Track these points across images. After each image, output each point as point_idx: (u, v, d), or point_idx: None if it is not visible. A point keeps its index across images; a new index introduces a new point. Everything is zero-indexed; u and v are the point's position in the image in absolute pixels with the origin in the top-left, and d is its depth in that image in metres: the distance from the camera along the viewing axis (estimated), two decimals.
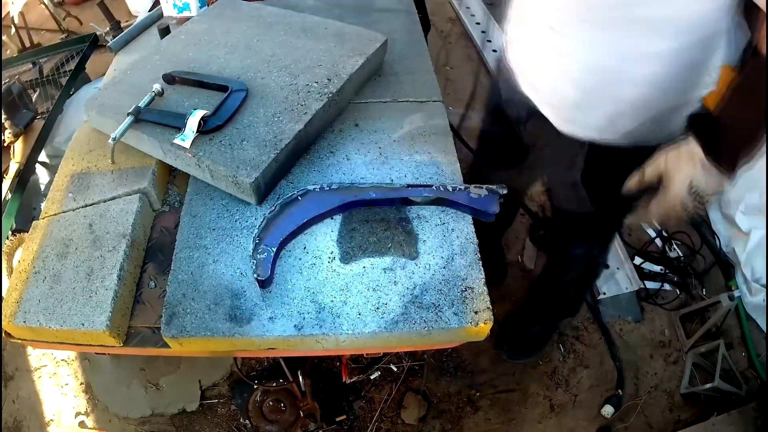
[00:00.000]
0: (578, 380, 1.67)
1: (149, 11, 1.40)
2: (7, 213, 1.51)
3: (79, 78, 1.85)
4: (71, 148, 1.03)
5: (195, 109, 0.90)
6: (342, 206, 0.86)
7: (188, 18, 1.21)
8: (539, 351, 1.68)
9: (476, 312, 0.78)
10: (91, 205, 0.92)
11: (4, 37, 2.68)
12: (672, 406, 1.62)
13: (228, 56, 1.06)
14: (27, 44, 2.72)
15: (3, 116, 1.61)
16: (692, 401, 1.62)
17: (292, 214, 0.83)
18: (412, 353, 1.67)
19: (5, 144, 1.69)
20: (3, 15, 2.61)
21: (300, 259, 0.83)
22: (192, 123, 0.88)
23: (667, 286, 1.86)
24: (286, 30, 1.12)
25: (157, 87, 0.95)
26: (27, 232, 0.92)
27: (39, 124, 1.70)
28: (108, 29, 1.92)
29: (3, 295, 0.83)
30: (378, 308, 0.78)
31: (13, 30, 2.67)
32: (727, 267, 1.88)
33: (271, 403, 1.55)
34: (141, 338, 0.83)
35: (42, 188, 1.78)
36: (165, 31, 1.22)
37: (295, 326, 0.76)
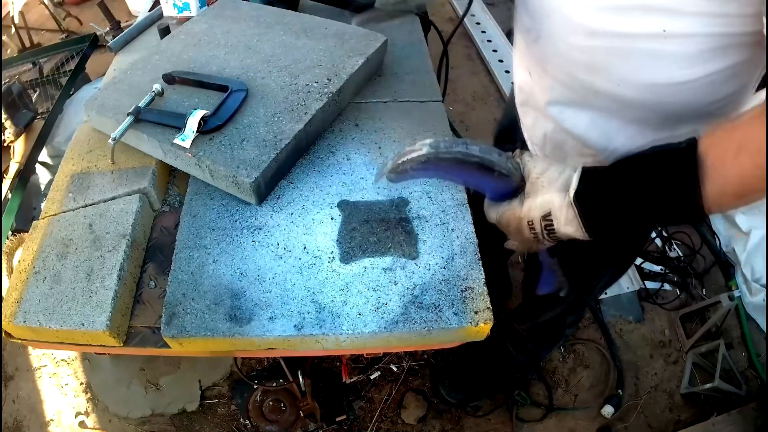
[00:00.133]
0: (578, 380, 1.67)
1: (149, 11, 1.40)
2: (7, 213, 1.51)
3: (79, 78, 1.86)
4: (71, 148, 1.03)
5: (195, 109, 0.90)
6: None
7: (188, 18, 1.21)
8: (477, 398, 1.61)
9: (476, 312, 0.78)
10: (91, 205, 0.92)
11: (4, 37, 2.68)
12: (672, 406, 1.62)
13: (228, 56, 1.06)
14: (27, 44, 2.72)
15: (3, 116, 1.61)
16: (692, 401, 1.62)
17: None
18: (412, 353, 1.67)
19: (5, 144, 1.69)
20: (3, 15, 2.62)
21: (300, 259, 0.83)
22: (192, 123, 0.88)
23: (667, 286, 1.86)
24: (286, 30, 1.12)
25: (157, 87, 0.95)
26: (27, 232, 0.92)
27: (39, 124, 1.70)
28: (108, 29, 1.92)
29: (3, 295, 0.83)
30: (378, 308, 0.78)
31: (13, 30, 2.67)
32: (727, 267, 1.88)
33: (271, 403, 1.55)
34: (141, 338, 0.83)
35: (42, 188, 1.79)
36: (165, 31, 1.22)
37: (295, 326, 0.76)
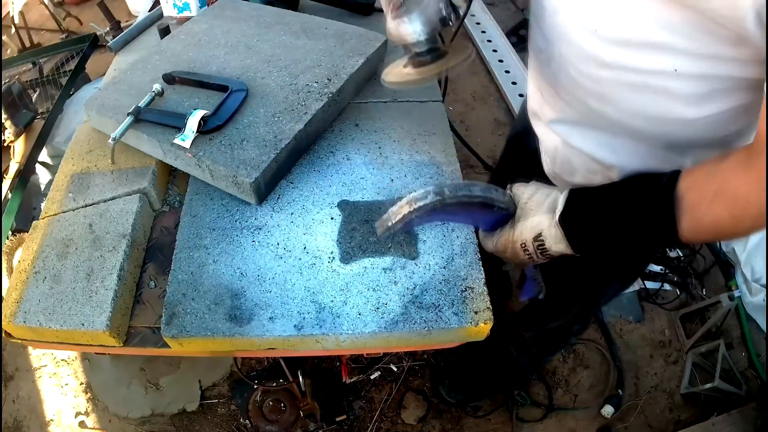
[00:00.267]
0: (578, 380, 1.67)
1: (149, 11, 1.40)
2: (7, 213, 1.51)
3: (79, 78, 1.86)
4: (71, 148, 1.03)
5: (195, 109, 0.90)
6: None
7: (188, 18, 1.21)
8: (477, 399, 1.61)
9: (476, 312, 0.78)
10: (91, 205, 0.92)
11: (4, 37, 2.68)
12: (672, 406, 1.62)
13: (228, 56, 1.06)
14: (27, 44, 2.72)
15: (3, 116, 1.61)
16: (692, 401, 1.62)
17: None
18: (412, 353, 1.67)
19: (5, 144, 1.69)
20: (3, 15, 2.62)
21: (300, 259, 0.83)
22: (192, 123, 0.88)
23: (667, 286, 1.86)
24: (286, 30, 1.12)
25: (157, 87, 0.95)
26: (27, 232, 0.92)
27: (39, 124, 1.70)
28: (108, 29, 1.92)
29: (3, 295, 0.83)
30: (378, 308, 0.78)
31: (13, 30, 2.67)
32: (727, 267, 1.88)
33: (271, 403, 1.55)
34: (141, 338, 0.83)
35: (42, 188, 1.79)
36: (165, 31, 1.22)
37: (295, 326, 0.76)
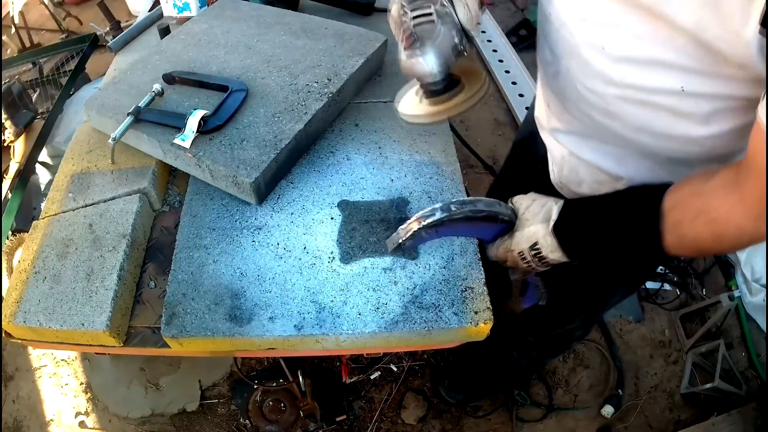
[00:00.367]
0: (578, 380, 1.67)
1: (149, 11, 1.40)
2: (7, 213, 1.51)
3: (79, 78, 1.86)
4: (71, 148, 1.03)
5: (195, 109, 0.90)
6: None
7: (188, 18, 1.21)
8: (477, 399, 1.61)
9: (476, 312, 0.78)
10: (91, 205, 0.92)
11: (4, 37, 2.69)
12: (672, 406, 1.62)
13: (228, 56, 1.06)
14: (27, 44, 2.72)
15: (3, 116, 1.61)
16: (692, 401, 1.62)
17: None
18: (412, 353, 1.67)
19: (5, 144, 1.69)
20: (3, 15, 2.62)
21: (300, 259, 0.83)
22: (192, 123, 0.88)
23: (667, 286, 1.86)
24: (286, 30, 1.12)
25: (157, 87, 0.95)
26: (27, 232, 0.92)
27: (39, 124, 1.70)
28: (108, 29, 1.92)
29: (3, 295, 0.83)
30: (378, 308, 0.78)
31: (13, 30, 2.67)
32: (727, 267, 1.88)
33: (271, 403, 1.55)
34: (141, 338, 0.83)
35: (42, 188, 1.79)
36: (165, 31, 1.22)
37: (295, 326, 0.76)
